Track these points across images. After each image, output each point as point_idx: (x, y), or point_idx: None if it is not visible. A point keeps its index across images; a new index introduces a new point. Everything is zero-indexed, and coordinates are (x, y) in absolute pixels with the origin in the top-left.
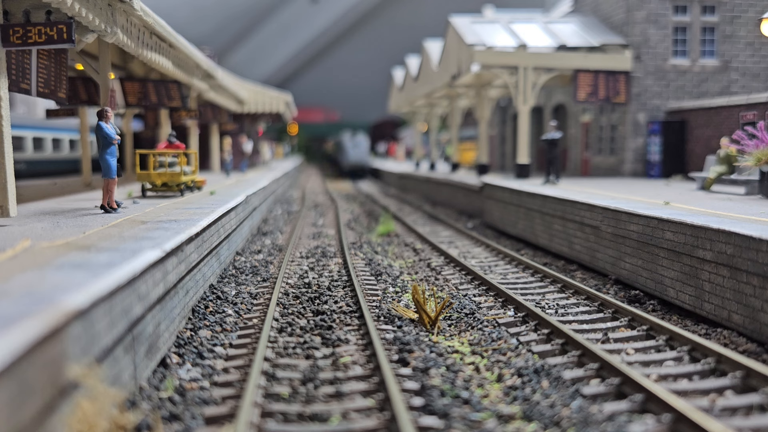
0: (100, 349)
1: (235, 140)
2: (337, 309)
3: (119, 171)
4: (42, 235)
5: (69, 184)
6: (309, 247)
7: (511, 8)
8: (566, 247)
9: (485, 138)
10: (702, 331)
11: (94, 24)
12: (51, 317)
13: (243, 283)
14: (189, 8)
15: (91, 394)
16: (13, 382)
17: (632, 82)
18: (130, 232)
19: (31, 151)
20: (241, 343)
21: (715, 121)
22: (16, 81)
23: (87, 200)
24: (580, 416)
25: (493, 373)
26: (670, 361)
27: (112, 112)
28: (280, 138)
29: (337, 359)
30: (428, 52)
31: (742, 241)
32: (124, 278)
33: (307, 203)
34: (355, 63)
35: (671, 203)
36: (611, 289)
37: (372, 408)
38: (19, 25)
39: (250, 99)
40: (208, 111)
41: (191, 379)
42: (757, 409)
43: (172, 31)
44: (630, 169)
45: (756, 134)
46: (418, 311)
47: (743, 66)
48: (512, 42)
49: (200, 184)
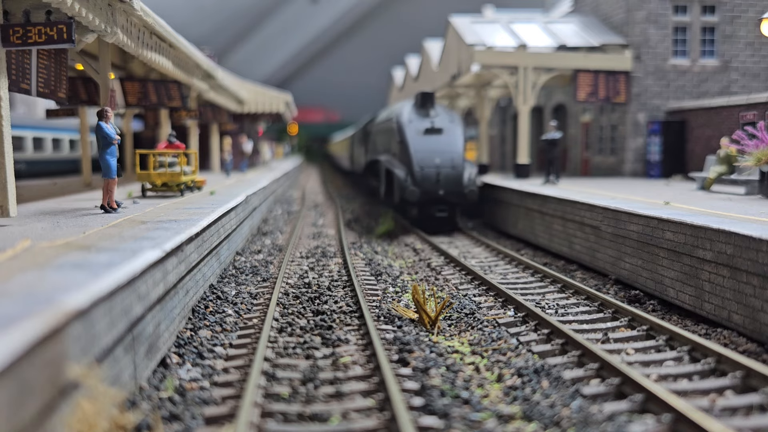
0: (100, 349)
1: (235, 140)
2: (337, 309)
3: (119, 171)
4: (42, 235)
5: (69, 184)
6: (309, 247)
7: (511, 8)
8: (566, 247)
9: (485, 138)
10: (702, 331)
11: (94, 24)
12: (51, 317)
13: (243, 283)
14: (189, 8)
15: (91, 394)
16: (13, 382)
17: (632, 82)
18: (130, 232)
19: (31, 151)
20: (241, 343)
21: (715, 121)
22: (16, 81)
23: (87, 200)
24: (580, 416)
25: (493, 373)
26: (670, 361)
27: (112, 112)
28: (280, 138)
29: (337, 359)
30: (428, 52)
31: (742, 241)
32: (124, 278)
33: (307, 203)
34: (355, 63)
35: (671, 203)
36: (611, 289)
37: (372, 408)
38: (19, 25)
39: (250, 99)
40: (208, 111)
41: (191, 379)
42: (757, 409)
43: (172, 31)
44: (630, 169)
45: (756, 134)
46: (418, 311)
47: (743, 66)
48: (512, 42)
49: (200, 184)
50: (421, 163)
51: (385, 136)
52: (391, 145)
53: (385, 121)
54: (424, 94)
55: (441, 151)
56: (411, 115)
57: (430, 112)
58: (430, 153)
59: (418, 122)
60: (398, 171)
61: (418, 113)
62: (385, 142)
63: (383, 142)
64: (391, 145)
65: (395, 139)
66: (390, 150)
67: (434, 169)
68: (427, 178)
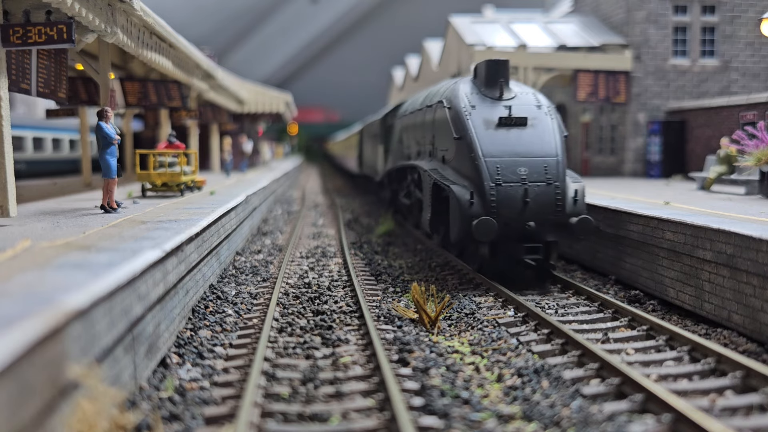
0: (100, 349)
1: (235, 140)
2: (337, 309)
3: (119, 171)
4: (42, 235)
5: (69, 184)
6: (309, 247)
7: (511, 8)
8: (566, 246)
9: None
10: (702, 331)
11: (94, 24)
12: (51, 317)
13: (243, 283)
14: (189, 8)
15: (91, 394)
16: (13, 382)
17: (632, 82)
18: (130, 232)
19: (31, 151)
20: (241, 343)
21: (715, 121)
22: (16, 81)
23: (87, 200)
24: (580, 416)
25: (493, 373)
26: (670, 361)
27: (112, 112)
28: (280, 138)
29: (337, 359)
30: (428, 52)
31: (742, 241)
32: (124, 278)
33: (307, 203)
34: (355, 63)
35: (671, 203)
36: (611, 289)
37: (372, 408)
38: (19, 25)
39: (250, 99)
40: (208, 111)
41: (191, 379)
42: (757, 409)
43: (172, 31)
44: (630, 169)
45: (756, 134)
46: (418, 311)
47: (743, 66)
48: (512, 42)
49: (200, 184)
50: (497, 174)
51: (423, 132)
52: (438, 144)
53: (424, 109)
54: (494, 63)
55: (528, 155)
56: (472, 96)
57: (504, 92)
58: (510, 159)
59: (485, 108)
60: (457, 189)
61: (484, 93)
62: (423, 139)
63: (419, 140)
64: (436, 145)
65: (446, 136)
66: (433, 152)
67: (519, 184)
68: (509, 200)
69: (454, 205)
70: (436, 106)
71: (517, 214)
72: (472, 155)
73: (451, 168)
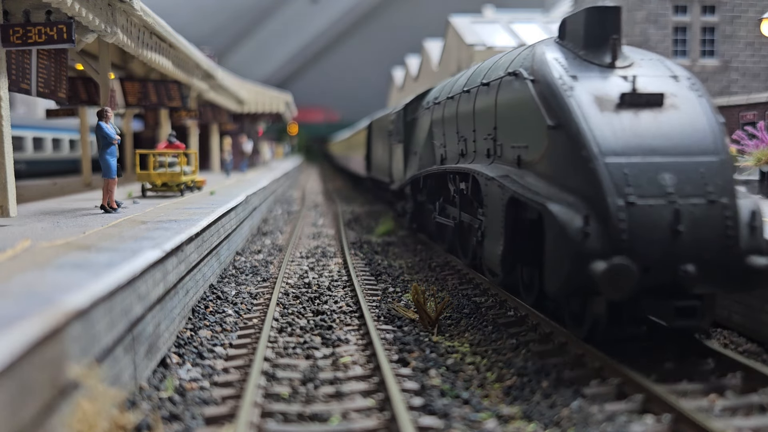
0: (100, 349)
1: (235, 140)
2: (337, 309)
3: (119, 171)
4: (42, 235)
5: (69, 184)
6: (309, 247)
7: (511, 8)
8: None
9: None
10: None
11: (94, 24)
12: (51, 317)
13: (243, 283)
14: (189, 8)
15: (91, 394)
16: (13, 382)
17: None
18: (130, 232)
19: (31, 151)
20: (241, 343)
21: None
22: (16, 81)
23: (87, 200)
24: (580, 416)
25: (493, 373)
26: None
27: (112, 112)
28: (280, 138)
29: (337, 359)
30: (428, 52)
31: None
32: (124, 278)
33: (307, 203)
34: (355, 63)
35: None
36: None
37: (372, 408)
38: (19, 25)
39: (250, 99)
40: (208, 111)
41: (191, 379)
42: (757, 409)
43: (172, 31)
44: None
45: (756, 134)
46: (418, 311)
47: (743, 66)
48: (512, 42)
49: (200, 184)
50: (627, 185)
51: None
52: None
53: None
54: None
55: (672, 153)
56: (569, 63)
57: (617, 58)
58: (645, 159)
59: (592, 80)
60: (558, 208)
61: (586, 58)
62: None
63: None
64: (500, 141)
65: (525, 125)
66: (497, 151)
67: (664, 202)
68: (650, 229)
69: (556, 236)
70: (501, 82)
71: (663, 252)
72: (582, 153)
73: (535, 174)
